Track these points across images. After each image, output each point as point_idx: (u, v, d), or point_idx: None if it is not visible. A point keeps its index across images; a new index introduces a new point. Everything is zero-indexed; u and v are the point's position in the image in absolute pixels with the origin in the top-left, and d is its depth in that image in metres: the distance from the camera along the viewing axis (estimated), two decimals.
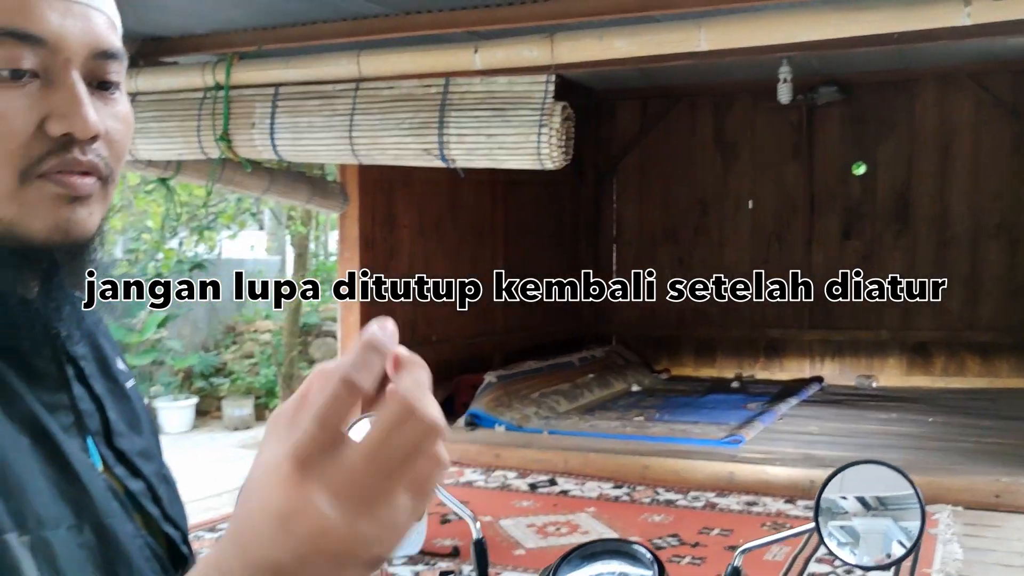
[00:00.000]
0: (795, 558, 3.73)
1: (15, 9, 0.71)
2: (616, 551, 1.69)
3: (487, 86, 2.92)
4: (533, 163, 2.88)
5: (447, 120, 2.89)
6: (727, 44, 2.76)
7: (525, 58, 2.90)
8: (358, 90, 3.03)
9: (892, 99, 7.35)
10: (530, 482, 4.89)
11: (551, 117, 2.85)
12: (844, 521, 1.55)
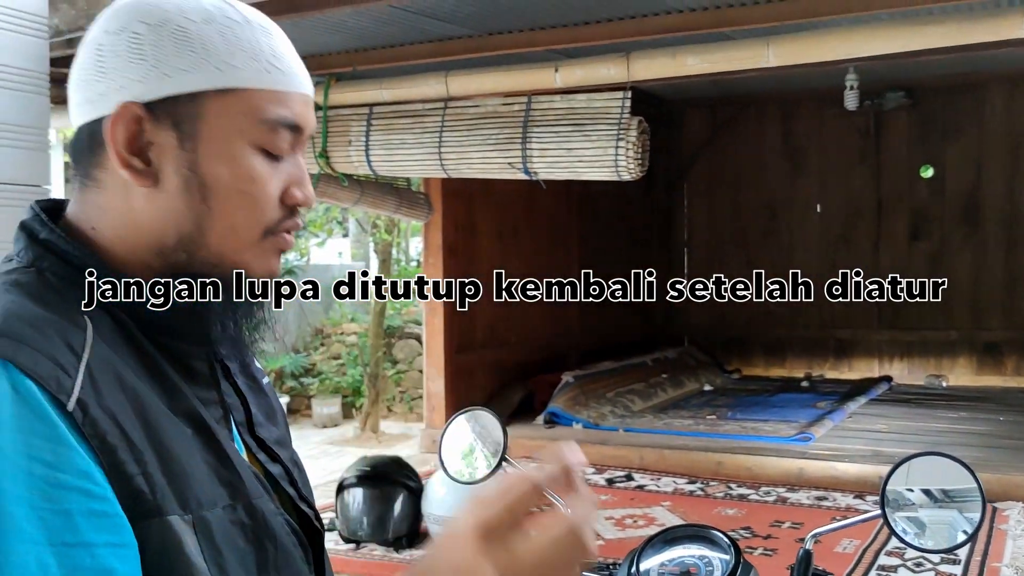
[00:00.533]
0: (864, 551, 3.87)
1: (288, 104, 0.97)
2: (696, 536, 1.89)
3: (567, 103, 3.14)
4: (611, 175, 3.09)
5: (530, 135, 3.12)
6: (795, 60, 2.94)
7: (602, 76, 3.11)
8: (446, 109, 3.27)
9: (959, 103, 7.42)
10: (607, 477, 5.10)
11: (628, 131, 3.06)
12: (910, 512, 1.73)
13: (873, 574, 3.62)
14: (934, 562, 3.72)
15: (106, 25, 0.96)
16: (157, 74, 0.94)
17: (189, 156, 0.95)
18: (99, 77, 0.94)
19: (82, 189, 0.98)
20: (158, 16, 0.94)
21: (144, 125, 0.93)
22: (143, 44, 0.94)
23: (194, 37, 0.95)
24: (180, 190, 0.95)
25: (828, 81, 6.51)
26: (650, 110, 8.03)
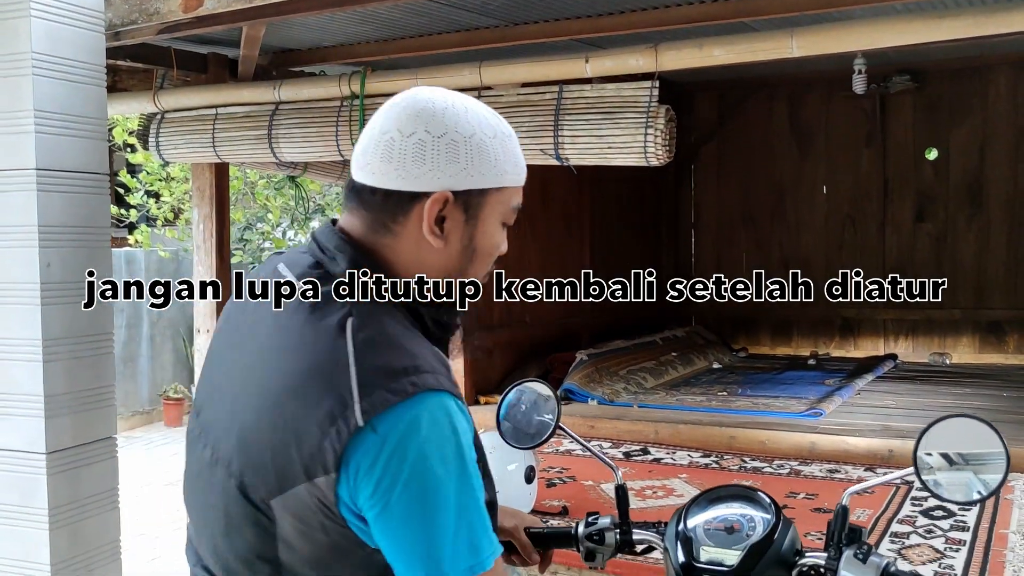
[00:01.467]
0: (877, 519, 4.04)
1: (520, 194, 1.51)
2: (738, 495, 2.06)
3: (597, 92, 3.29)
4: (640, 160, 3.24)
5: (561, 123, 3.27)
6: (818, 51, 3.09)
7: (632, 66, 3.26)
8: (480, 97, 3.41)
9: (965, 86, 7.57)
10: (624, 451, 5.27)
11: (656, 119, 3.22)
12: (930, 476, 1.90)
13: (888, 540, 3.79)
14: (943, 529, 3.90)
15: (425, 126, 1.38)
16: (465, 174, 1.40)
17: (470, 231, 1.44)
18: (419, 164, 1.38)
19: (377, 231, 1.44)
20: (467, 131, 1.40)
21: (447, 205, 1.40)
22: (458, 150, 1.38)
23: (489, 151, 1.42)
24: (458, 251, 1.45)
25: (836, 65, 6.63)
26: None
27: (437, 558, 1.28)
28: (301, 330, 1.36)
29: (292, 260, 1.48)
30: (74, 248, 3.03)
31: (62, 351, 2.95)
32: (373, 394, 1.28)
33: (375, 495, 1.27)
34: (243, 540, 1.39)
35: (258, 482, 1.34)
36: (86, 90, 3.08)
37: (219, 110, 3.95)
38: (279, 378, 1.35)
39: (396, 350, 1.34)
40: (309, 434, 1.29)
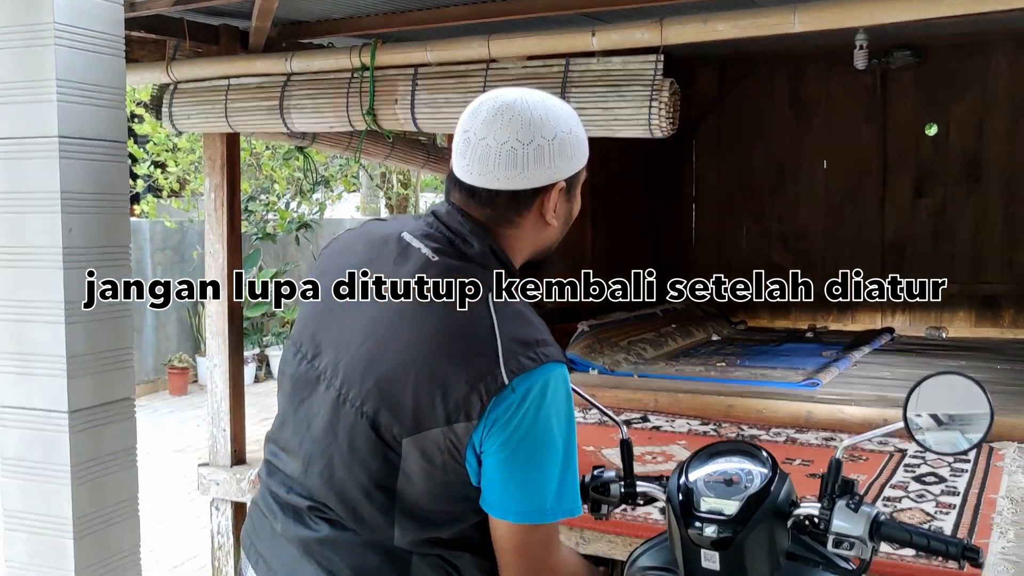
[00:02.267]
0: (871, 485, 4.15)
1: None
2: (737, 450, 2.17)
3: (603, 65, 3.36)
4: (644, 132, 3.32)
5: (568, 96, 3.34)
6: (819, 26, 3.16)
7: (637, 40, 3.33)
8: (488, 70, 3.49)
9: (965, 61, 7.63)
10: (624, 419, 5.33)
11: (660, 92, 3.29)
12: (919, 435, 2.01)
13: (880, 503, 3.90)
14: (935, 493, 4.01)
15: (541, 132, 1.66)
16: (572, 164, 1.73)
17: (570, 205, 1.79)
18: (540, 166, 1.67)
19: (497, 223, 1.72)
20: (566, 128, 1.70)
21: (560, 192, 1.73)
22: (565, 146, 1.69)
23: (581, 139, 1.74)
24: (563, 223, 1.80)
25: (836, 39, 6.69)
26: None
27: (544, 496, 1.57)
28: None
29: (418, 232, 1.73)
30: (95, 214, 3.12)
31: (84, 314, 3.05)
32: (514, 359, 1.55)
33: (507, 442, 1.55)
34: (366, 471, 1.62)
35: (393, 422, 1.59)
36: (106, 60, 3.16)
37: (231, 81, 4.02)
38: (427, 336, 1.60)
39: (529, 324, 1.63)
40: (457, 387, 1.54)
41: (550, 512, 1.60)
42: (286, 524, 1.72)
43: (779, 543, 2.02)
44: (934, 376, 2.00)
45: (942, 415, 1.99)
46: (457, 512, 1.64)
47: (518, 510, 1.59)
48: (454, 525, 1.65)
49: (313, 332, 1.76)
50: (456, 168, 1.75)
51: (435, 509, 1.63)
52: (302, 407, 1.74)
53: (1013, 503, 3.87)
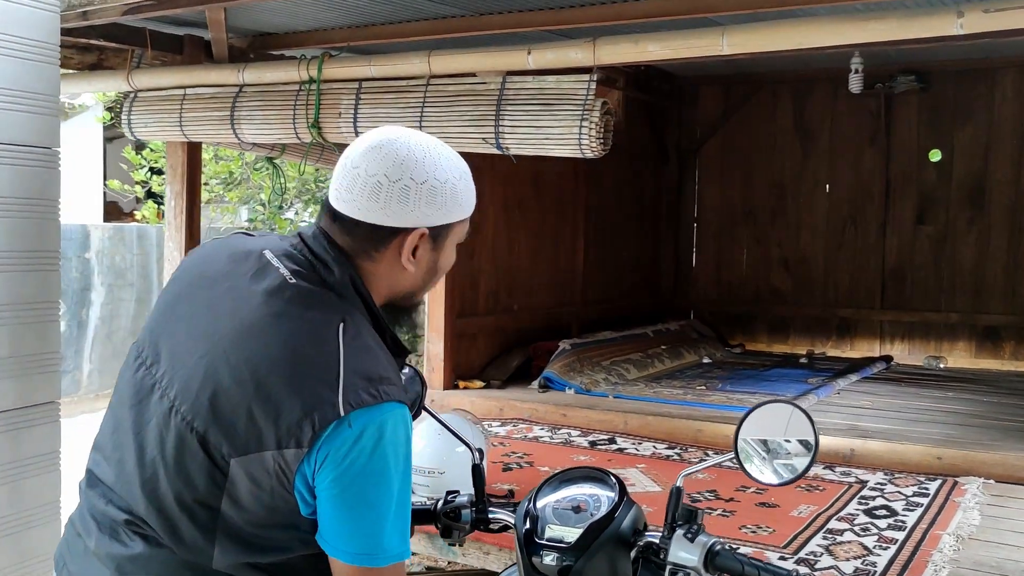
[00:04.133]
0: (817, 516, 4.08)
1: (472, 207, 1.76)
2: (588, 476, 2.14)
3: (538, 84, 3.36)
4: (575, 152, 3.31)
5: (503, 113, 3.34)
6: (748, 49, 3.14)
7: (572, 59, 3.32)
8: (428, 86, 3.50)
9: (970, 88, 7.50)
10: (591, 440, 5.34)
11: (592, 112, 3.28)
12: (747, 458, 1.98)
13: (820, 535, 3.83)
14: (880, 527, 3.93)
15: (411, 174, 1.64)
16: (440, 214, 1.67)
17: (436, 256, 1.74)
18: (403, 206, 1.63)
19: (358, 255, 1.68)
20: (443, 177, 1.66)
21: (422, 239, 1.67)
22: (436, 194, 1.65)
23: (460, 192, 1.70)
24: (425, 272, 1.74)
25: (841, 63, 6.62)
26: (664, 86, 8.22)
27: (377, 538, 1.55)
28: (298, 322, 1.59)
29: (280, 252, 1.70)
30: (22, 219, 3.16)
31: (7, 316, 3.09)
32: (354, 393, 1.52)
33: (340, 478, 1.51)
34: (190, 488, 1.57)
35: (222, 440, 1.55)
36: (38, 67, 3.21)
37: (188, 91, 4.07)
38: (269, 356, 1.56)
39: (375, 360, 1.59)
40: (291, 412, 1.51)
41: (381, 556, 1.57)
42: (100, 541, 1.66)
43: (621, 572, 1.98)
44: (765, 405, 1.96)
45: (772, 444, 1.96)
46: (282, 540, 1.60)
47: (349, 550, 1.56)
48: (278, 553, 1.60)
49: (156, 338, 1.71)
50: (330, 192, 1.72)
51: (259, 534, 1.58)
52: (134, 415, 1.68)
53: (958, 540, 3.78)
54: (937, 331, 7.70)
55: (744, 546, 3.71)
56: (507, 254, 6.67)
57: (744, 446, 1.95)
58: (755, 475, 1.94)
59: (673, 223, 8.69)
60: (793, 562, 3.54)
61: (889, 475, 4.69)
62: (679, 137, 8.60)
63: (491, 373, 6.32)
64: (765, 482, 1.94)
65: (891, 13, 2.95)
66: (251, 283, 1.65)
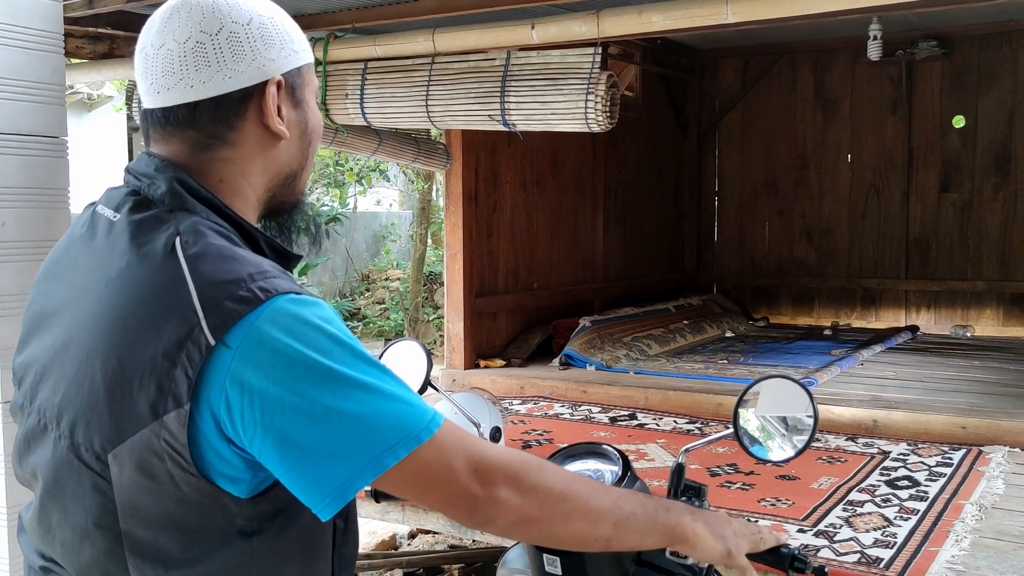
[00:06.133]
0: (838, 488, 4.04)
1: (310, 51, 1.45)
2: (591, 452, 2.14)
3: (543, 59, 3.33)
4: (581, 127, 3.28)
5: (508, 89, 3.32)
6: (751, 16, 3.09)
7: (575, 32, 3.29)
8: (433, 64, 3.49)
9: (994, 52, 7.37)
10: (611, 416, 5.33)
11: (597, 85, 3.25)
12: (746, 440, 1.96)
13: (840, 507, 3.80)
14: (902, 498, 3.89)
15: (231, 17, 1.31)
16: (284, 54, 1.35)
17: (301, 114, 1.40)
18: (239, 58, 1.30)
19: (204, 149, 1.33)
20: (266, 12, 1.35)
21: (281, 92, 1.35)
22: (269, 32, 1.32)
23: (291, 28, 1.39)
24: (298, 138, 1.39)
25: (860, 31, 6.53)
26: (683, 60, 8.14)
27: (372, 443, 1.15)
28: (125, 260, 1.24)
29: (108, 197, 1.36)
30: (31, 208, 3.19)
31: (17, 307, 3.11)
32: (217, 309, 1.16)
33: (264, 416, 1.13)
34: (81, 509, 1.25)
35: (92, 435, 1.22)
36: (44, 57, 3.22)
37: None
38: (108, 314, 1.22)
39: (235, 260, 1.22)
40: (154, 366, 1.16)
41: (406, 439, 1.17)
42: None
43: None
44: (763, 380, 1.93)
45: (772, 420, 1.93)
46: (211, 541, 1.21)
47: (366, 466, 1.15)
48: (210, 560, 1.22)
49: (26, 352, 1.38)
50: (142, 97, 1.38)
51: (178, 543, 1.21)
52: (18, 450, 1.38)
53: (981, 510, 3.73)
54: (964, 300, 7.60)
55: (763, 519, 3.69)
56: (526, 232, 6.65)
57: (743, 422, 1.93)
58: (757, 452, 1.92)
59: (695, 197, 8.63)
60: (812, 534, 3.52)
61: (912, 445, 4.64)
62: (699, 110, 8.52)
63: (512, 352, 6.32)
64: (765, 459, 1.92)
65: None
66: (83, 249, 1.33)
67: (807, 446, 1.87)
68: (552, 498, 1.29)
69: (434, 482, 1.21)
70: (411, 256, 8.88)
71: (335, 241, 10.04)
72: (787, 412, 1.92)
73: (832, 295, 8.11)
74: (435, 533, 5.75)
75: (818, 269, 8.11)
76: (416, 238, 9.11)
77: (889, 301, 7.89)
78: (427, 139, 5.71)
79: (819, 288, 8.17)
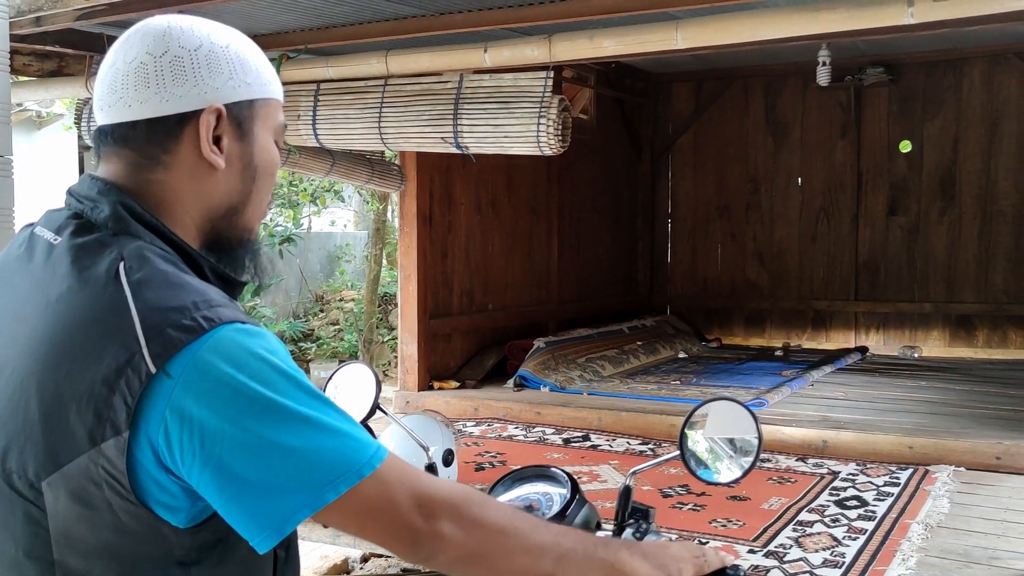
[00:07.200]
0: (788, 508, 4.08)
1: (281, 112, 1.39)
2: (540, 475, 2.14)
3: (495, 82, 3.35)
4: (533, 149, 3.30)
5: (461, 112, 3.33)
6: (702, 42, 3.14)
7: (528, 56, 3.32)
8: (386, 86, 3.49)
9: (939, 79, 7.54)
10: (565, 437, 5.34)
11: (549, 109, 3.27)
12: (692, 457, 1.97)
13: (790, 527, 3.83)
14: (850, 518, 3.93)
15: (178, 42, 1.27)
16: (232, 84, 1.29)
17: (247, 148, 1.33)
18: (181, 82, 1.26)
19: (144, 169, 1.29)
20: (222, 41, 1.30)
21: (221, 121, 1.29)
22: (219, 60, 1.28)
23: (249, 60, 1.33)
24: (239, 172, 1.33)
25: (810, 56, 6.65)
26: (637, 84, 8.23)
27: (313, 478, 1.14)
28: (66, 284, 1.21)
29: (49, 219, 1.32)
30: None
31: None
32: (160, 337, 1.13)
33: (204, 447, 1.12)
34: (11, 540, 1.21)
35: (26, 462, 1.18)
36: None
37: None
38: (46, 339, 1.19)
39: (180, 287, 1.20)
40: (92, 393, 1.13)
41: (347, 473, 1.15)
42: None
43: None
44: (709, 402, 1.95)
45: (719, 441, 1.95)
46: (148, 571, 1.19)
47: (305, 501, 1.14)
48: None
49: None
50: (95, 115, 1.36)
51: (114, 573, 1.19)
52: None
53: (927, 529, 3.79)
54: (911, 321, 7.73)
55: (714, 540, 3.71)
56: (481, 253, 6.66)
57: (691, 444, 1.94)
58: (701, 474, 1.93)
59: (648, 219, 8.70)
60: (762, 555, 3.54)
61: (861, 465, 4.70)
62: (652, 134, 8.61)
63: (466, 373, 6.31)
64: (710, 480, 1.93)
65: (843, 4, 2.95)
66: (18, 270, 1.30)
67: (752, 467, 1.88)
68: (494, 533, 1.28)
69: (376, 517, 1.20)
70: (366, 277, 8.84)
71: (289, 262, 9.98)
72: (733, 434, 1.93)
73: (783, 316, 8.21)
74: (388, 556, 5.71)
75: (769, 291, 8.22)
76: (371, 259, 9.09)
77: (839, 322, 8.01)
78: (381, 160, 5.71)
79: (770, 309, 8.27)
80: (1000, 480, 4.47)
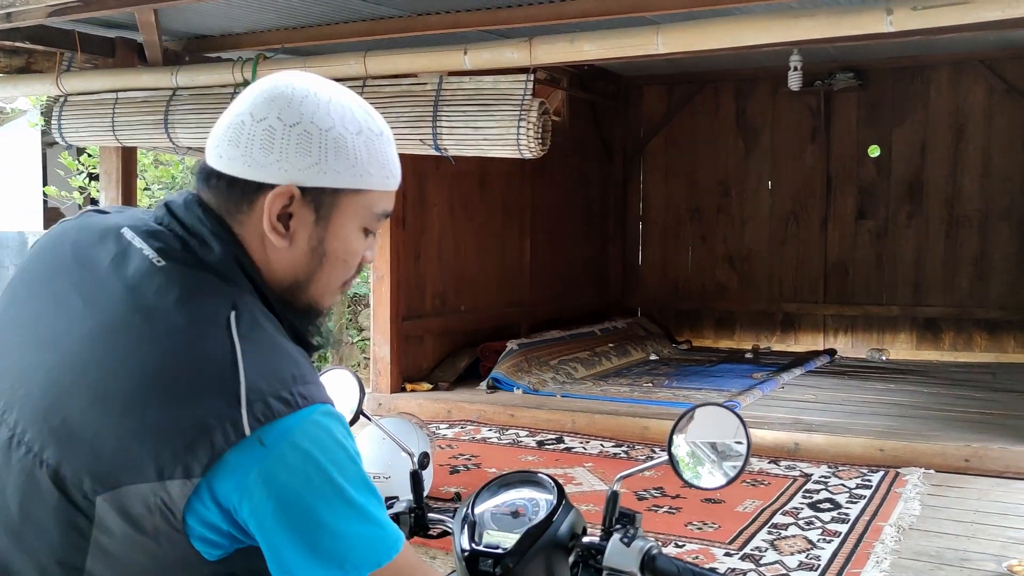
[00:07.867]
0: (763, 511, 4.11)
1: (391, 199, 1.35)
2: (526, 480, 2.12)
3: (475, 84, 3.34)
4: (513, 152, 3.29)
5: (440, 114, 3.32)
6: (682, 47, 3.15)
7: (508, 59, 3.31)
8: (364, 87, 3.47)
9: (907, 85, 7.63)
10: (539, 439, 5.34)
11: (529, 112, 3.27)
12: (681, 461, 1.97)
13: (765, 530, 3.86)
14: (824, 521, 3.97)
15: (279, 113, 1.26)
16: (317, 169, 1.27)
17: (320, 232, 1.31)
18: (266, 153, 1.26)
19: (228, 213, 1.30)
20: (325, 123, 1.27)
21: (293, 202, 1.28)
22: (311, 142, 1.26)
23: (350, 148, 1.28)
24: (306, 252, 1.32)
25: (781, 61, 6.70)
26: (609, 86, 8.25)
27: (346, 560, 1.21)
28: (175, 317, 1.23)
29: (143, 229, 1.33)
30: None
31: None
32: (262, 402, 1.18)
33: (276, 511, 1.18)
34: (44, 543, 1.22)
35: (84, 474, 1.19)
36: None
37: (120, 94, 3.99)
38: (141, 364, 1.21)
39: (283, 355, 1.24)
40: (176, 434, 1.16)
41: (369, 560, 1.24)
42: None
43: None
44: (699, 407, 1.95)
45: (706, 447, 1.95)
46: None
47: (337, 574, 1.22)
48: None
49: None
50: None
51: None
52: None
53: (899, 531, 3.83)
54: (879, 324, 7.81)
55: (690, 543, 3.73)
56: (453, 255, 6.65)
57: (677, 450, 1.94)
58: (690, 479, 1.93)
59: (620, 222, 8.73)
60: (738, 558, 3.56)
61: (833, 468, 4.74)
62: (624, 136, 8.64)
63: (439, 375, 6.30)
64: (700, 486, 1.93)
65: (822, 10, 2.98)
66: (108, 272, 1.29)
67: (740, 473, 1.89)
68: None
69: None
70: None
71: None
72: (720, 439, 1.94)
73: (753, 319, 8.26)
74: None
75: (739, 293, 8.27)
76: None
77: (808, 325, 8.08)
78: None
79: (740, 312, 8.33)
80: (968, 482, 4.53)
